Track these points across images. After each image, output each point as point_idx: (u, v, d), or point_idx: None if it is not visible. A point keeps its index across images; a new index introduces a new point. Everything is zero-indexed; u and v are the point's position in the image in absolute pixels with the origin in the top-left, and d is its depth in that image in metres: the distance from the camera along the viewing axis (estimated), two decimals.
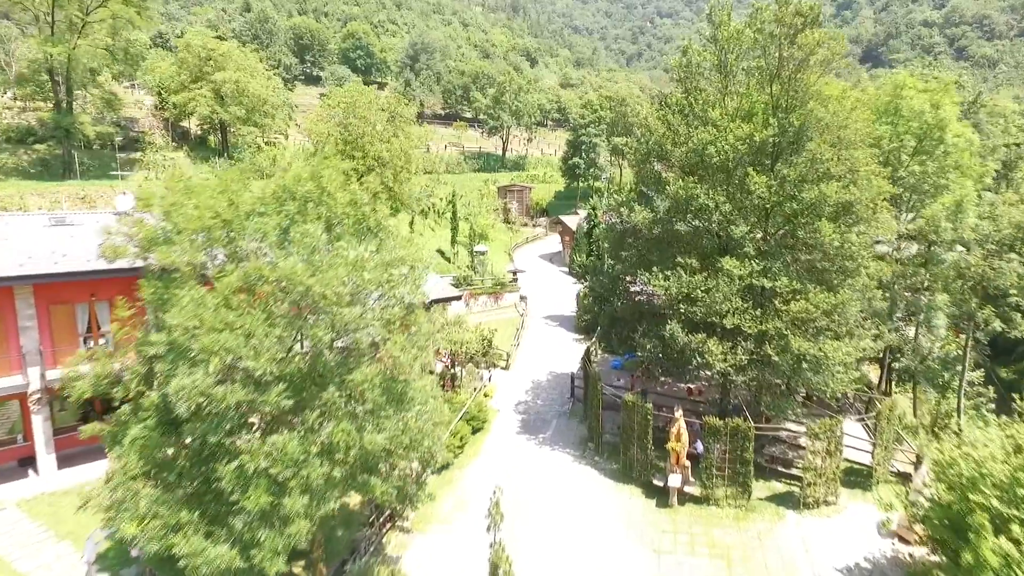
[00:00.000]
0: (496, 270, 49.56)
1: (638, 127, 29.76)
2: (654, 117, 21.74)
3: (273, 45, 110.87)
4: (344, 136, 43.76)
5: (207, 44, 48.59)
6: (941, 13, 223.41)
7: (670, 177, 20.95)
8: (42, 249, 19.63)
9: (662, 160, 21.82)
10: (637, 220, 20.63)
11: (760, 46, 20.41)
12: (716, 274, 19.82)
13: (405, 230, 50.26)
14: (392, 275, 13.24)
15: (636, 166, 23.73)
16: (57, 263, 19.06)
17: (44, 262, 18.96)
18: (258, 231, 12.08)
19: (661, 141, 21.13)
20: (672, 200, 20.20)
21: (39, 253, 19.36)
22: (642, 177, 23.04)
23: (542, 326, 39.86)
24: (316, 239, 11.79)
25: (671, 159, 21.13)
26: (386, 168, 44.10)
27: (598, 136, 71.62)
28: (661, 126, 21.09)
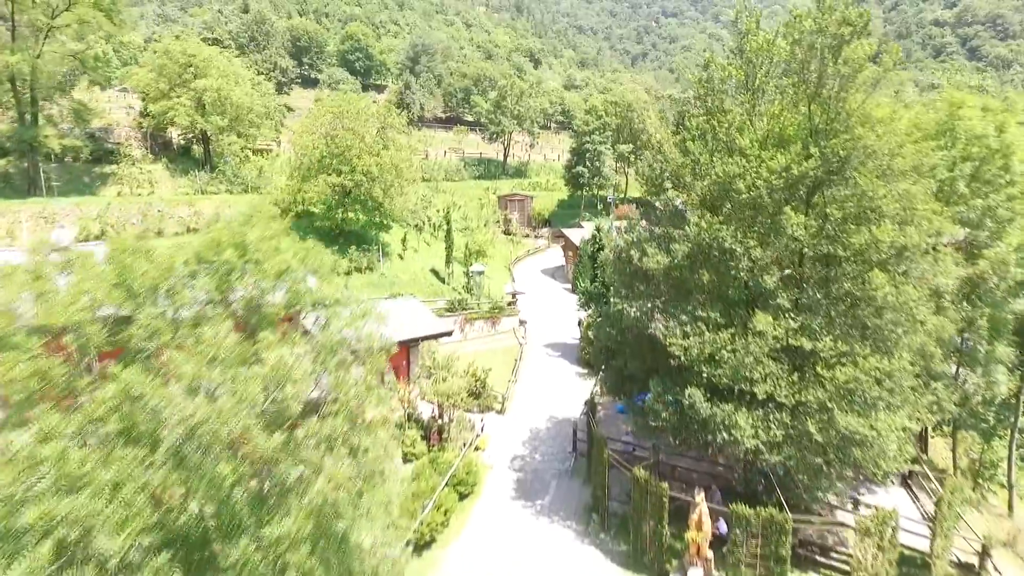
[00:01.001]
0: (494, 291, 46.47)
1: (649, 149, 26.35)
2: (669, 142, 18.55)
3: (270, 47, 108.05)
4: (330, 149, 40.74)
5: (186, 49, 45.64)
6: (953, 12, 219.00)
7: (689, 211, 17.77)
8: None
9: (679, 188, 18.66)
10: (650, 265, 17.47)
11: (798, 60, 17.22)
12: (744, 331, 16.69)
13: (397, 246, 47.25)
14: (338, 376, 10.14)
15: (647, 194, 20.55)
16: None
17: None
18: (147, 328, 8.99)
19: (679, 171, 17.97)
20: (693, 243, 17.04)
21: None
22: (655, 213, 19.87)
23: (542, 357, 36.73)
24: (218, 347, 8.68)
25: (690, 191, 17.96)
26: (375, 183, 41.07)
27: (603, 144, 68.39)
28: (679, 155, 17.91)
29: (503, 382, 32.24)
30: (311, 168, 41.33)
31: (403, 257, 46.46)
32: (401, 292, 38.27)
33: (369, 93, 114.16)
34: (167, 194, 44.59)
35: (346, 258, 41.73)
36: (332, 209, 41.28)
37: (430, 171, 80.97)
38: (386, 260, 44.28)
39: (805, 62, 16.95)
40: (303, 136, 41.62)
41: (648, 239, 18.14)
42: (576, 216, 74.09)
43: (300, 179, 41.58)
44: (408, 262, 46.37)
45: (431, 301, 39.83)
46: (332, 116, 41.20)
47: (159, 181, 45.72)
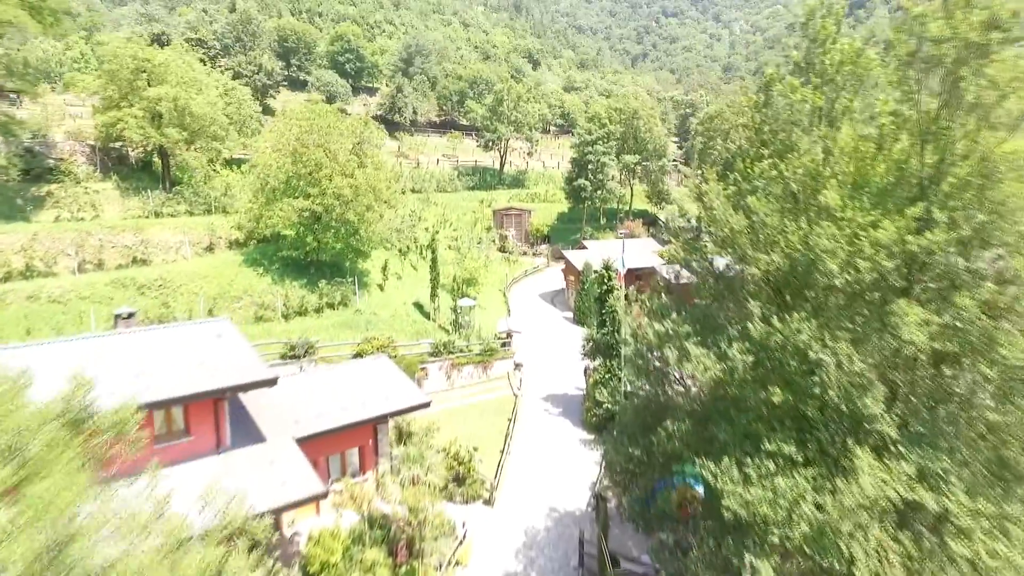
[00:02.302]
0: (487, 324, 41.13)
1: (683, 202, 20.92)
2: (718, 195, 13.20)
3: (256, 48, 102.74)
4: (296, 169, 35.43)
5: (137, 53, 40.28)
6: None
7: (749, 300, 12.40)
8: None
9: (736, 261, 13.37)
10: (698, 374, 12.15)
11: (907, 80, 11.93)
12: (831, 473, 11.46)
13: (378, 275, 41.91)
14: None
15: (679, 259, 15.27)
16: None
17: None
18: None
19: (734, 238, 12.63)
20: (758, 346, 11.73)
21: None
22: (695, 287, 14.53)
23: (540, 415, 31.42)
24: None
25: (750, 265, 12.63)
26: (349, 207, 35.75)
27: (607, 154, 63.09)
28: (735, 216, 12.54)
29: (493, 452, 26.96)
30: (276, 190, 36.04)
31: (384, 288, 41.15)
32: (376, 335, 32.95)
33: (360, 96, 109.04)
34: (115, 217, 39.27)
35: (316, 293, 36.42)
36: (300, 236, 35.97)
37: (421, 181, 75.71)
38: (363, 293, 38.97)
39: (920, 81, 11.66)
40: (266, 154, 36.27)
41: (688, 331, 12.77)
42: (577, 231, 68.81)
43: (263, 202, 36.27)
44: (389, 294, 41.07)
45: (412, 345, 34.55)
46: (299, 131, 35.87)
47: (108, 202, 40.38)
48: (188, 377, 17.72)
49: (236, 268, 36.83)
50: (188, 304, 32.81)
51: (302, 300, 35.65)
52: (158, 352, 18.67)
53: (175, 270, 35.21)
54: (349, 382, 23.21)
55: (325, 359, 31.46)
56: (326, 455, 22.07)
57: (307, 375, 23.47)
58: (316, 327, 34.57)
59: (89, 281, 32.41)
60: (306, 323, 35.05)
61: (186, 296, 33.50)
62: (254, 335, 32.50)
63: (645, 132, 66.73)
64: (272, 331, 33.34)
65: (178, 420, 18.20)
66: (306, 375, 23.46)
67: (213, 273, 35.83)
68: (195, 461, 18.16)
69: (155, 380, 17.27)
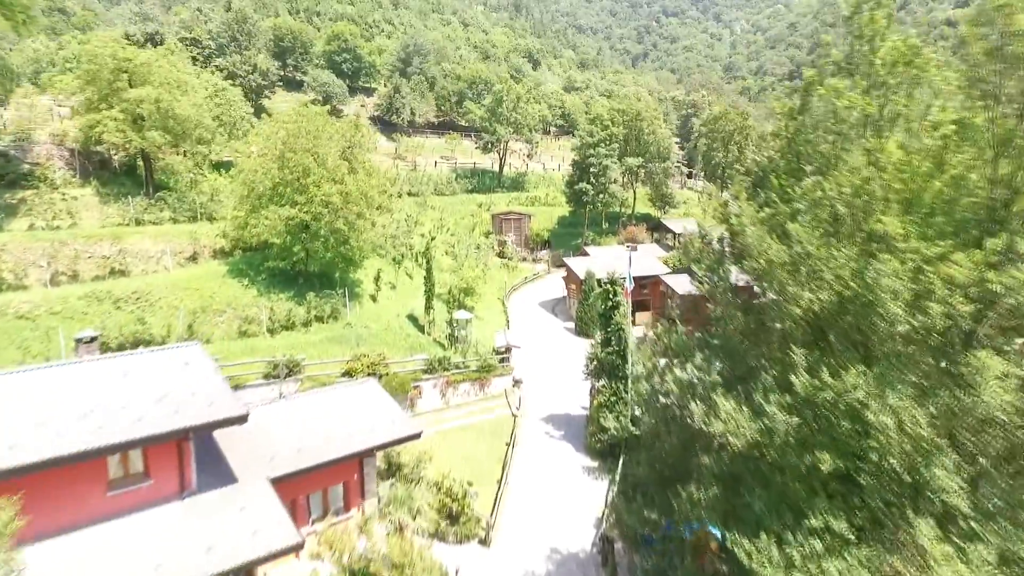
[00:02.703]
0: (485, 336, 39.19)
1: (704, 222, 18.84)
2: (752, 219, 11.21)
3: (251, 47, 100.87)
4: (283, 175, 33.49)
5: (116, 52, 38.33)
6: (967, 12, 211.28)
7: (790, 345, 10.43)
8: None
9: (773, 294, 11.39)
10: (721, 431, 10.19)
11: (979, 83, 10.01)
12: (886, 553, 9.54)
13: (370, 285, 39.97)
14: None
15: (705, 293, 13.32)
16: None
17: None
18: None
19: (770, 271, 10.65)
20: (803, 403, 9.78)
21: None
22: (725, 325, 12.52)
23: (541, 438, 29.48)
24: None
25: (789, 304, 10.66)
26: (338, 215, 33.82)
27: (609, 157, 61.11)
28: (774, 246, 10.54)
29: (489, 482, 25.04)
30: (261, 197, 34.10)
31: (376, 299, 39.20)
32: (366, 352, 31.02)
33: (357, 96, 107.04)
34: (93, 225, 37.34)
35: (304, 305, 34.48)
36: (287, 247, 34.03)
37: (418, 184, 73.77)
38: (354, 305, 37.04)
39: (998, 85, 9.73)
40: (250, 159, 34.31)
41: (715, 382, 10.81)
42: (578, 235, 66.91)
43: (248, 210, 34.34)
44: (382, 305, 39.12)
45: (405, 361, 32.62)
46: (286, 134, 33.92)
47: (87, 209, 38.46)
48: (145, 416, 15.78)
49: (220, 279, 34.90)
50: (166, 319, 30.87)
51: (289, 313, 33.72)
52: (115, 385, 16.73)
53: (154, 282, 33.28)
54: (333, 411, 21.27)
55: (312, 378, 29.53)
56: (306, 493, 20.15)
57: (287, 403, 21.53)
58: (303, 342, 32.64)
59: (62, 295, 30.48)
60: (293, 338, 33.11)
61: (165, 310, 31.56)
62: (236, 352, 30.60)
63: (648, 134, 64.77)
64: (256, 347, 31.39)
65: (136, 463, 16.28)
66: (286, 402, 21.53)
67: (195, 285, 33.89)
68: (156, 508, 16.25)
69: (107, 420, 15.34)
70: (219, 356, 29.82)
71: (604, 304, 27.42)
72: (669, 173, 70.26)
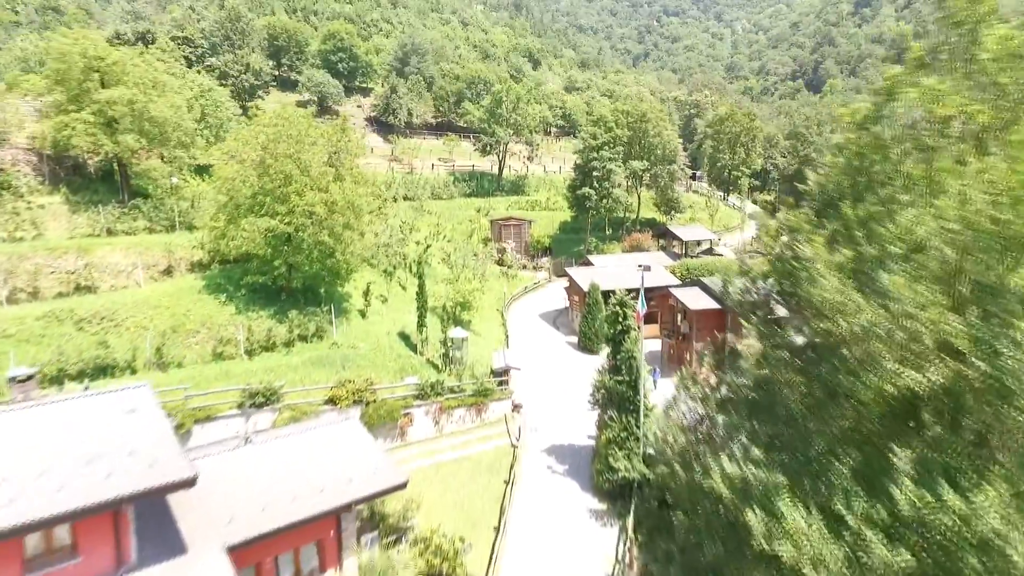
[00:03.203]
0: (483, 353, 36.58)
1: (747, 260, 15.79)
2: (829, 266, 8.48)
3: (245, 47, 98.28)
4: (263, 183, 30.85)
5: (87, 50, 35.70)
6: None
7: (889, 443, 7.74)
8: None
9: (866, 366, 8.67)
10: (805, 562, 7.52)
11: None
12: None
13: (359, 300, 37.30)
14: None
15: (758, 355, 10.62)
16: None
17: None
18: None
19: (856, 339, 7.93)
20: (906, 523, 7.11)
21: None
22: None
23: (543, 474, 26.82)
24: None
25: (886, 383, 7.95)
26: (323, 226, 31.18)
27: (613, 160, 58.43)
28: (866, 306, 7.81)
29: (485, 529, 22.41)
30: (240, 206, 31.47)
31: (365, 315, 36.54)
32: (352, 377, 28.41)
33: (353, 96, 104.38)
34: (60, 236, 34.71)
35: (285, 324, 31.85)
36: (267, 260, 31.40)
37: (414, 188, 71.16)
38: (341, 322, 34.40)
39: None
40: (228, 165, 31.66)
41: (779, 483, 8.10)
42: (581, 241, 64.27)
43: (225, 220, 31.71)
44: (372, 321, 36.45)
45: (395, 387, 29.99)
46: (266, 139, 31.28)
47: (54, 218, 35.84)
48: (69, 485, 13.14)
49: (195, 296, 32.25)
50: (133, 341, 28.23)
51: (269, 333, 31.07)
52: (37, 444, 14.08)
53: (123, 299, 30.64)
54: (306, 459, 18.62)
55: (291, 407, 26.90)
56: (275, 554, 17.51)
57: (254, 448, 18.86)
58: (284, 365, 30.00)
59: (18, 315, 27.85)
60: (273, 360, 30.48)
61: (132, 331, 28.92)
62: (210, 378, 27.98)
63: (654, 136, 62.11)
64: (232, 372, 28.76)
65: (62, 537, 13.66)
66: (253, 448, 18.86)
67: (167, 302, 31.24)
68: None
69: (20, 492, 12.70)
70: (190, 382, 27.29)
71: (613, 328, 24.77)
72: (676, 177, 67.60)
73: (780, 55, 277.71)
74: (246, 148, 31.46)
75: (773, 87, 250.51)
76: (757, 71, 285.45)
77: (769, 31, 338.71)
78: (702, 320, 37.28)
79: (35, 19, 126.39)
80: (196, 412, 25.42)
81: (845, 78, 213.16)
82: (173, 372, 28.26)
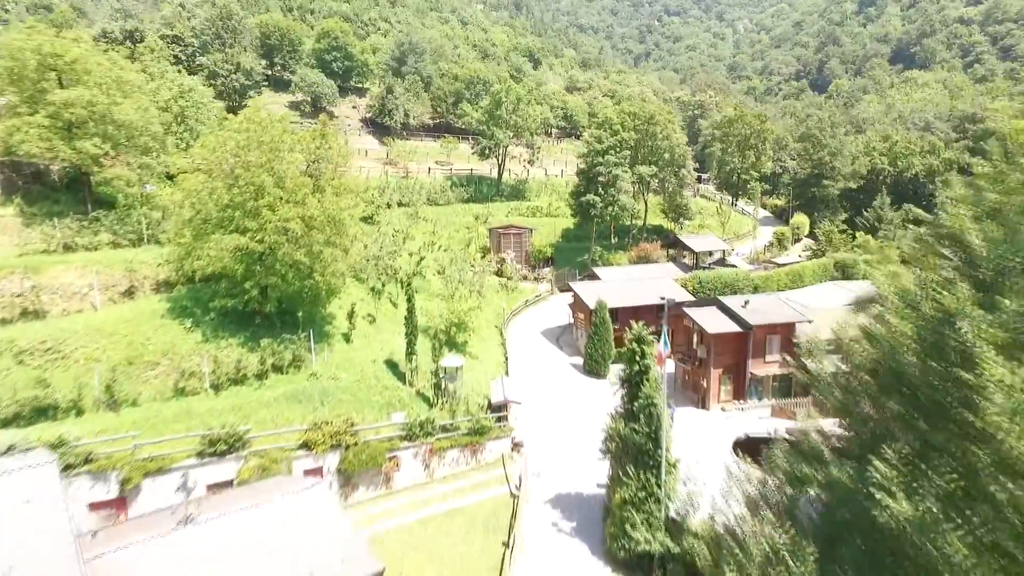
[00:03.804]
0: (479, 384, 33.15)
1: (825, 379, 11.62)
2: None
3: (237, 45, 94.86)
4: (232, 196, 27.39)
5: (43, 47, 32.24)
6: (979, 9, 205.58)
7: None
8: None
9: None
10: None
11: None
12: None
13: (343, 323, 33.85)
14: None
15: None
16: None
17: None
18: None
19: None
20: None
21: None
22: None
23: (547, 534, 23.36)
24: None
25: None
26: (299, 244, 27.72)
27: (619, 166, 54.92)
28: None
29: None
30: (208, 221, 28.03)
31: (350, 339, 33.09)
32: (330, 419, 24.99)
33: (348, 97, 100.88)
34: (8, 254, 31.23)
35: (258, 353, 28.40)
36: (238, 282, 27.95)
37: (409, 193, 67.65)
38: (322, 348, 30.95)
39: None
40: (194, 176, 28.15)
41: None
42: (584, 250, 60.75)
43: (191, 236, 28.24)
44: (357, 347, 32.99)
45: (379, 427, 26.57)
46: (235, 146, 27.80)
47: (4, 232, 32.35)
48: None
49: (157, 321, 28.78)
50: (80, 376, 24.78)
51: (239, 364, 27.60)
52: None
53: (74, 326, 27.18)
54: (258, 546, 15.17)
55: (260, 454, 23.46)
56: None
57: (194, 532, 15.39)
58: (255, 402, 26.56)
59: None
60: (242, 396, 27.02)
61: (82, 364, 25.45)
62: (168, 418, 24.58)
63: (662, 139, 58.61)
64: (194, 411, 25.32)
65: None
66: (193, 532, 15.39)
67: (125, 329, 27.78)
68: None
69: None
70: (144, 425, 23.88)
71: (630, 367, 21.31)
72: (685, 183, 64.09)
73: (783, 55, 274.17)
74: (213, 156, 27.94)
75: (777, 87, 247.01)
76: (760, 71, 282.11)
77: (772, 31, 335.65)
78: (721, 344, 33.86)
79: (24, 17, 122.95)
80: (147, 463, 22.01)
81: (851, 78, 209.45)
82: (126, 412, 24.81)
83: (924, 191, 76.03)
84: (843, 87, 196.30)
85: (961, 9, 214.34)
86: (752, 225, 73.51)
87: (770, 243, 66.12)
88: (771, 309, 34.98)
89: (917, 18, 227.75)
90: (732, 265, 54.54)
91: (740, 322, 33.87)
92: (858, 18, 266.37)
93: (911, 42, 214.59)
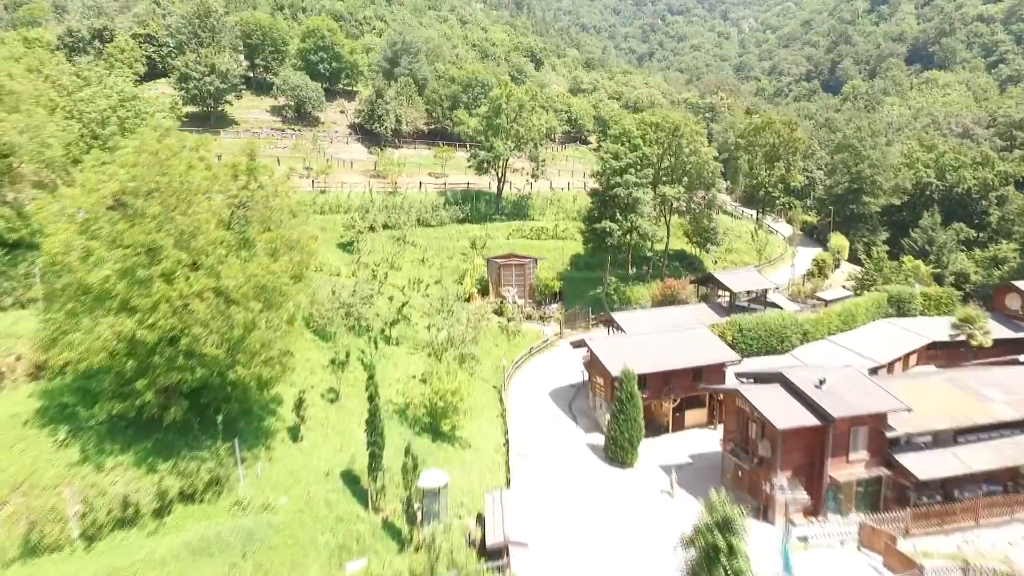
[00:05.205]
0: (471, 491, 24.81)
1: None
2: None
3: (215, 44, 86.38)
4: (115, 259, 19.06)
5: None
6: (1001, 7, 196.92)
7: None
8: None
9: None
10: None
11: None
12: None
13: (289, 415, 25.48)
14: None
15: None
16: None
17: None
18: None
19: None
20: None
21: None
22: None
23: None
24: None
25: None
26: (209, 329, 19.39)
27: (639, 185, 46.47)
28: None
29: None
30: (87, 292, 19.72)
31: (299, 437, 24.77)
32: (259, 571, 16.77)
33: (336, 101, 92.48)
34: None
35: (157, 475, 20.11)
36: (125, 381, 19.67)
37: (397, 213, 59.31)
38: (259, 452, 22.64)
39: None
40: (65, 230, 19.81)
41: None
42: (597, 282, 52.37)
43: (63, 313, 19.94)
44: (308, 447, 24.66)
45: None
46: (120, 186, 19.52)
47: None
48: None
49: (17, 432, 20.52)
50: None
51: (125, 500, 19.31)
52: None
53: None
54: None
55: None
56: None
57: None
58: (143, 561, 18.21)
59: None
60: (128, 548, 18.74)
61: None
62: None
63: (689, 154, 50.24)
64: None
65: None
66: None
67: None
68: None
69: None
70: None
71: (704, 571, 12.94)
72: (714, 204, 55.58)
73: (792, 55, 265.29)
74: (89, 201, 19.64)
75: (787, 88, 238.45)
76: (768, 71, 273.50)
77: (778, 30, 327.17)
78: (791, 440, 25.49)
79: (3, 15, 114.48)
80: None
81: (866, 79, 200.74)
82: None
83: (977, 208, 67.54)
84: (859, 88, 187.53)
85: (981, 7, 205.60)
86: (784, 248, 65.09)
87: (809, 271, 57.73)
88: (854, 390, 26.63)
89: (933, 16, 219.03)
90: (776, 305, 46.15)
91: (816, 410, 25.55)
92: (870, 16, 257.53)
93: (928, 41, 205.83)
